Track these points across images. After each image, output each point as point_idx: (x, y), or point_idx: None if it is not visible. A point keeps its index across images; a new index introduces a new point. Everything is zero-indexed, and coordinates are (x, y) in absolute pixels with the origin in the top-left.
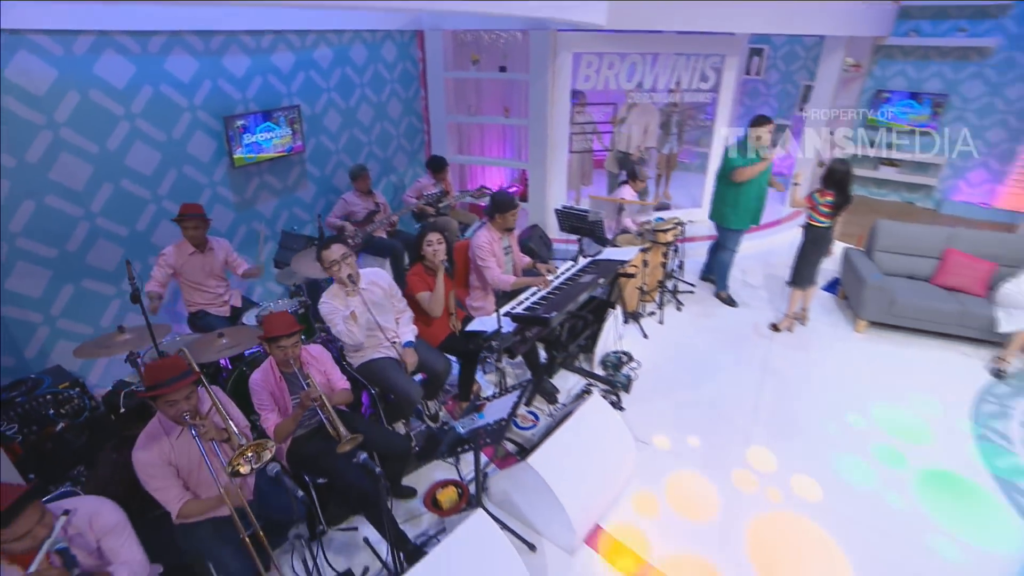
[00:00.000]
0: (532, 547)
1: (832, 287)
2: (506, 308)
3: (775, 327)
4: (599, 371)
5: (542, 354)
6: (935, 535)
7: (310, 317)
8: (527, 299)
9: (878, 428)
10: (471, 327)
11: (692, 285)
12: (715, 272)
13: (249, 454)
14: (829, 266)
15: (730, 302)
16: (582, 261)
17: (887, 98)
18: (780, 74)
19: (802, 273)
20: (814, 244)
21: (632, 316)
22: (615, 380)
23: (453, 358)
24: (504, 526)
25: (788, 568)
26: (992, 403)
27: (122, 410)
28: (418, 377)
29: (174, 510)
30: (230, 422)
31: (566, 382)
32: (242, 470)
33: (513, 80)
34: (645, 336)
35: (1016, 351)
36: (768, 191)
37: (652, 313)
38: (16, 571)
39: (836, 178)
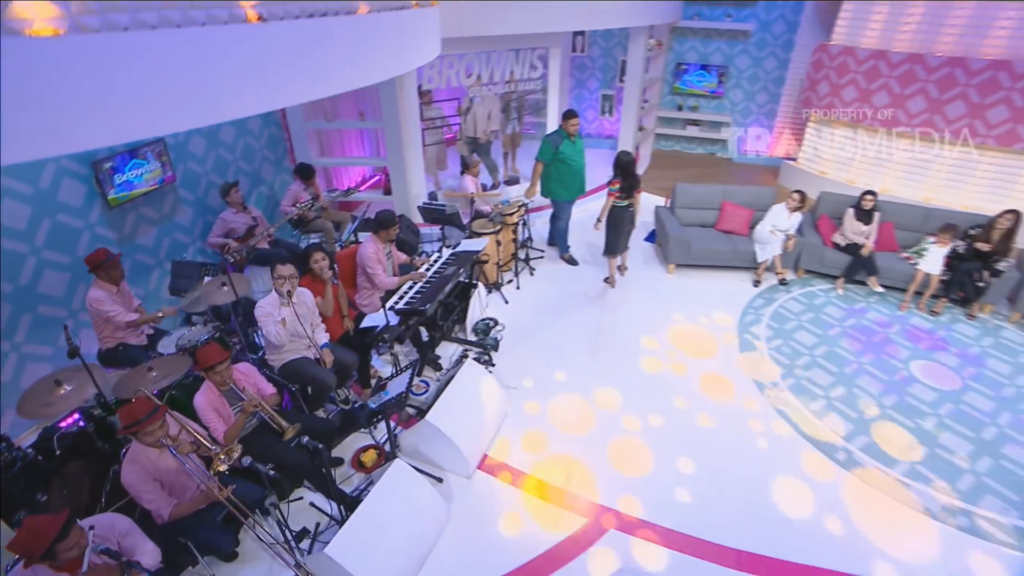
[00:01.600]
0: (440, 480)
1: (651, 237)
2: (390, 303)
3: (607, 280)
4: (472, 337)
5: (424, 334)
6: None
7: (225, 338)
8: (406, 294)
9: (674, 345)
10: (364, 324)
11: (542, 251)
12: (556, 239)
13: (223, 456)
14: (648, 219)
15: (572, 262)
16: (446, 253)
17: (685, 69)
18: (601, 50)
19: (612, 244)
20: (617, 222)
21: (494, 287)
22: (486, 343)
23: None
24: (417, 469)
25: (627, 456)
26: (751, 313)
27: (58, 452)
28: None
29: (167, 514)
30: (199, 435)
31: (447, 350)
32: (221, 468)
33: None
34: (506, 302)
35: (763, 271)
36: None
37: (510, 281)
38: None
39: (621, 166)
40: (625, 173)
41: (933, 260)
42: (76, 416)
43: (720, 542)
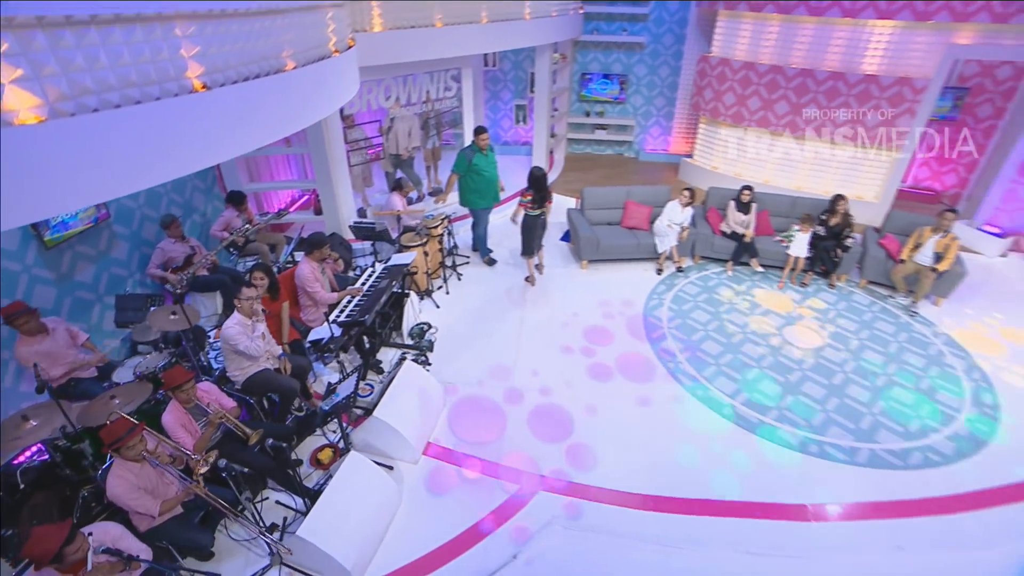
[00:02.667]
0: (390, 468)
1: (566, 237)
2: (333, 316)
3: (528, 279)
4: (409, 341)
5: (366, 342)
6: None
7: (181, 361)
8: (346, 307)
9: (588, 331)
10: (311, 337)
11: (467, 257)
12: (477, 244)
13: (202, 461)
14: (562, 220)
15: (490, 263)
16: (379, 267)
17: (590, 78)
18: (512, 63)
19: (527, 247)
20: (529, 228)
21: (425, 294)
22: (421, 345)
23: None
24: (369, 460)
25: (549, 430)
26: (655, 298)
27: (22, 487)
28: None
29: (155, 512)
30: (177, 446)
31: (387, 355)
32: (201, 471)
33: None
34: (438, 307)
35: (664, 261)
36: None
37: (440, 287)
38: None
39: (534, 180)
40: (537, 187)
41: (799, 245)
42: (33, 450)
43: (630, 491)
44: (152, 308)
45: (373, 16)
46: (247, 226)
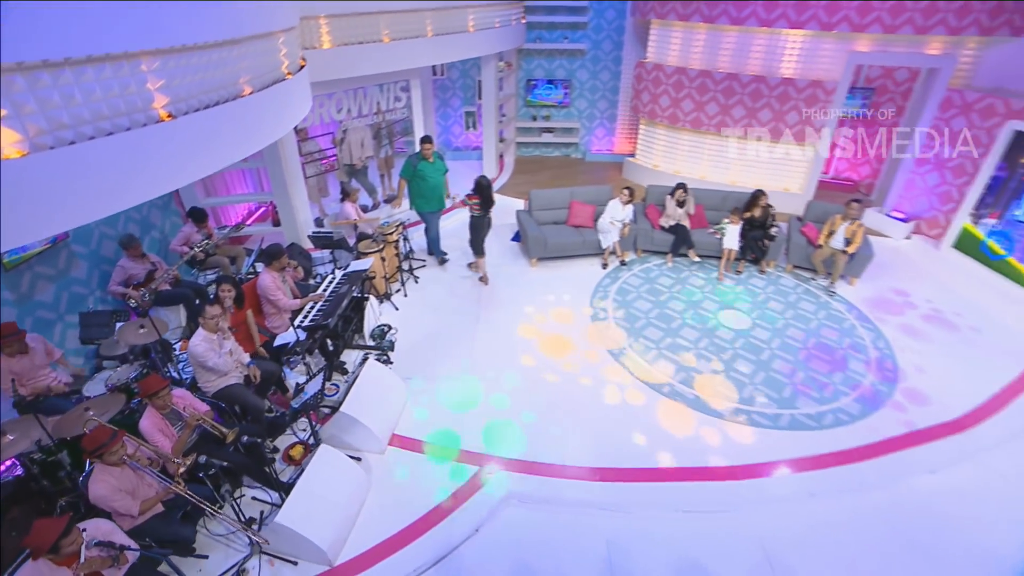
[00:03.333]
0: (358, 459)
1: (516, 238)
2: (297, 322)
3: (482, 278)
4: (371, 343)
5: (330, 344)
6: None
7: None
8: (310, 312)
9: (539, 323)
10: (277, 342)
11: (423, 260)
12: (431, 247)
13: (181, 464)
14: (512, 221)
15: (443, 262)
16: (339, 273)
17: (535, 84)
18: (460, 72)
19: (477, 246)
20: (477, 227)
21: (384, 297)
22: (383, 345)
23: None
24: (339, 451)
25: (503, 414)
26: (600, 291)
27: None
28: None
29: (135, 511)
30: (157, 449)
31: (351, 356)
32: (181, 470)
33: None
34: (396, 309)
35: (608, 255)
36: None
37: (398, 290)
38: (65, 571)
39: (479, 188)
40: (483, 194)
41: (731, 237)
42: (7, 464)
43: (579, 464)
44: (119, 324)
45: (322, 34)
46: (207, 240)
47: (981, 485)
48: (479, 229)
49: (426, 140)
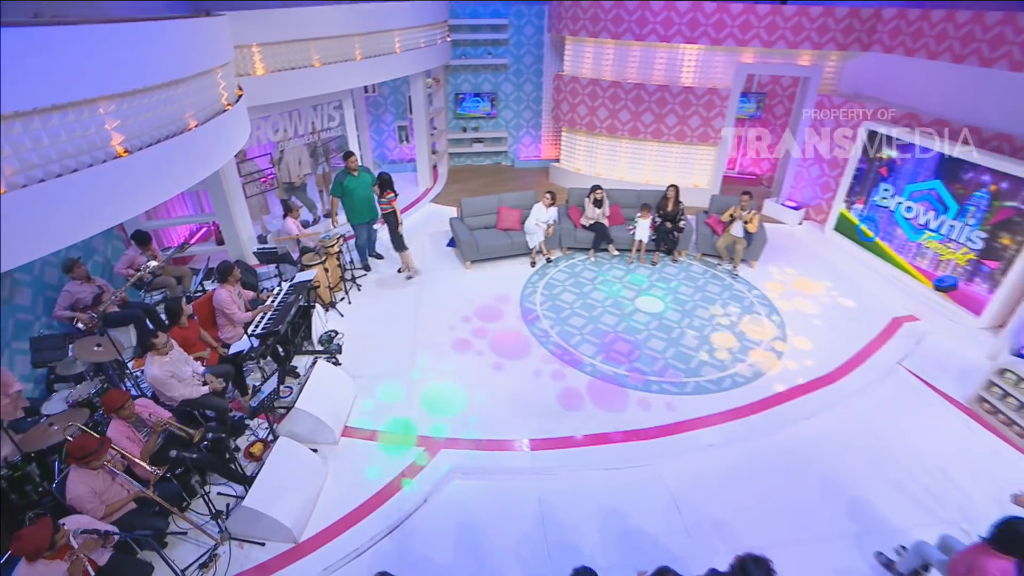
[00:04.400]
0: (315, 451)
1: (451, 243)
2: (251, 330)
3: (409, 277)
4: (319, 347)
5: (281, 350)
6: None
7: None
8: (261, 322)
9: (473, 319)
10: (233, 350)
11: (366, 270)
12: (359, 254)
13: (157, 471)
14: (446, 228)
15: (367, 268)
16: (285, 286)
17: (463, 98)
18: (390, 88)
19: (397, 242)
20: (391, 225)
21: (329, 305)
22: (331, 349)
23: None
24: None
25: (442, 402)
26: (530, 287)
27: None
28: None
29: (100, 515)
30: (133, 457)
31: (302, 361)
32: (153, 480)
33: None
34: (342, 315)
35: (535, 255)
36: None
37: (343, 298)
38: (58, 563)
39: (386, 183)
40: (391, 186)
41: (642, 229)
42: None
43: (511, 438)
44: (71, 345)
45: (255, 61)
46: (151, 263)
47: (841, 424)
48: (394, 224)
49: (348, 155)
